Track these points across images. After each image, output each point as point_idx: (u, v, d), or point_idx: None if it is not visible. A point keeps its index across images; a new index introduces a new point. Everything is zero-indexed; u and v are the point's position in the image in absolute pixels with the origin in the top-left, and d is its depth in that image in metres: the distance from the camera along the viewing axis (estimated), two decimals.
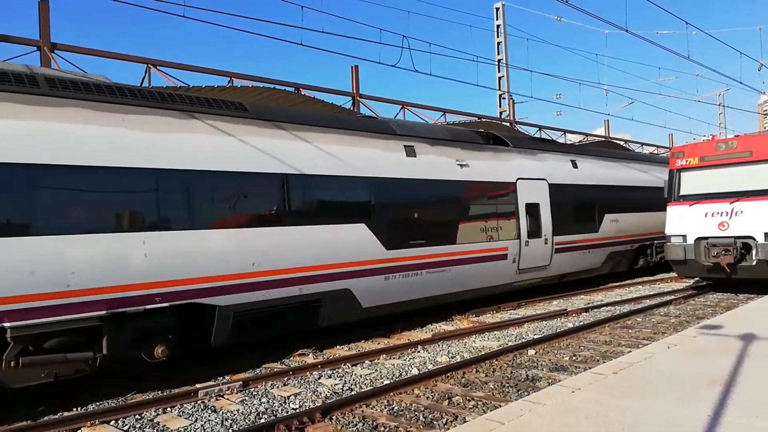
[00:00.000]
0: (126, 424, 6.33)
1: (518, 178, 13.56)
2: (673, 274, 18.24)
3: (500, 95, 25.79)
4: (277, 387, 7.54)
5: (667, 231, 14.48)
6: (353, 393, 7.12)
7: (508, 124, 23.51)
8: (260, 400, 6.98)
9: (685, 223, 14.09)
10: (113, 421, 6.39)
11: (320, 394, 7.21)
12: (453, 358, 8.88)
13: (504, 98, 25.65)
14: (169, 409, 6.76)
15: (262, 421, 6.21)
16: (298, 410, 6.55)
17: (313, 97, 14.89)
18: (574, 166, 15.91)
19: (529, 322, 11.54)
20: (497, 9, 25.97)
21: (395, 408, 6.52)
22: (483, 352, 9.00)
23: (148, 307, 7.41)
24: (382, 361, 8.77)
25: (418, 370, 8.18)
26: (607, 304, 13.48)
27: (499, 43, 25.82)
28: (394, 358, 8.95)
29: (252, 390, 7.42)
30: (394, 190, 10.75)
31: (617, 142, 29.79)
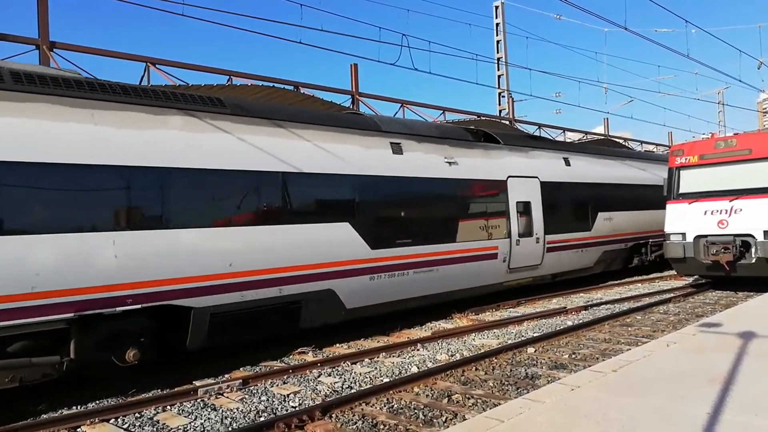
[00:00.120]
0: (126, 422, 6.33)
1: (509, 176, 13.33)
2: (669, 273, 18.28)
3: (500, 93, 25.81)
4: (277, 385, 7.54)
5: (667, 229, 14.49)
6: (353, 391, 7.13)
7: (508, 123, 23.52)
8: (260, 399, 6.98)
9: (684, 221, 14.10)
10: (113, 419, 6.39)
11: (320, 392, 7.21)
12: (452, 356, 8.88)
13: (503, 96, 25.67)
14: (168, 408, 6.76)
15: (262, 420, 6.21)
16: (297, 408, 6.56)
17: (312, 96, 14.90)
18: (567, 164, 15.62)
19: (528, 320, 11.55)
20: (496, 7, 25.98)
21: (395, 406, 6.52)
22: (482, 350, 9.00)
23: (119, 310, 7.16)
24: (381, 359, 8.77)
25: (418, 368, 8.19)
26: (606, 302, 13.49)
27: (498, 42, 25.84)
28: (393, 356, 8.95)
29: (252, 388, 7.43)
30: (380, 188, 10.52)
31: (617, 140, 29.83)
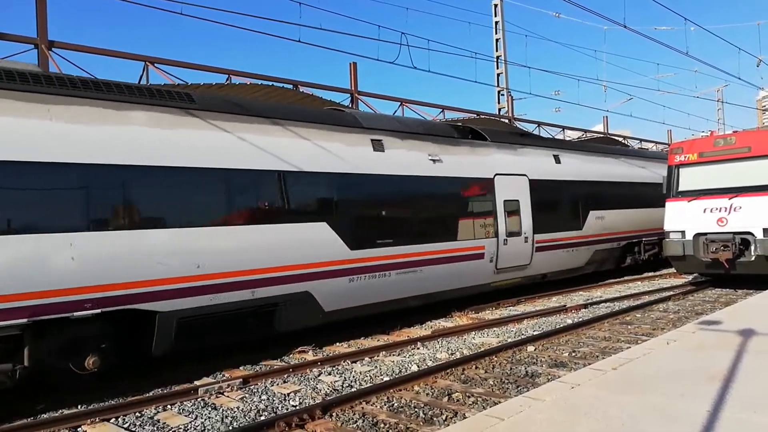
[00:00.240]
0: (126, 422, 6.34)
1: (496, 174, 13.02)
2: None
3: (499, 92, 25.80)
4: (277, 384, 7.55)
5: (666, 227, 14.50)
6: (353, 390, 7.13)
7: (507, 121, 23.51)
8: (260, 397, 6.99)
9: (683, 219, 14.11)
10: (113, 419, 6.40)
11: (320, 391, 7.22)
12: (452, 354, 8.89)
13: (503, 95, 25.67)
14: (169, 407, 6.77)
15: (262, 419, 6.22)
16: (298, 407, 6.56)
17: (311, 94, 14.88)
18: (557, 161, 15.26)
19: (528, 319, 11.56)
20: (496, 5, 25.96)
21: (395, 404, 6.53)
22: (482, 349, 9.01)
23: (77, 315, 6.82)
24: (381, 358, 8.78)
25: (418, 366, 8.20)
26: (606, 301, 13.50)
27: (497, 40, 25.83)
28: (393, 355, 8.96)
29: (252, 387, 7.44)
30: (360, 186, 10.20)
31: (616, 138, 29.83)
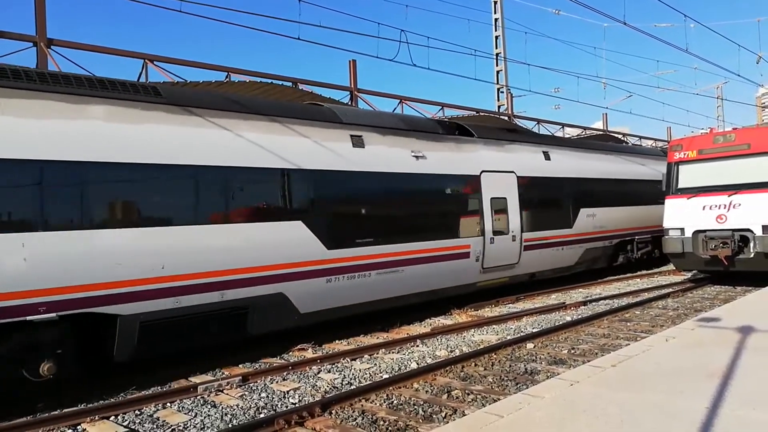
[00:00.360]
0: (126, 420, 6.34)
1: (482, 171, 12.72)
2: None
3: (498, 89, 25.78)
4: (277, 382, 7.56)
5: (665, 224, 14.50)
6: (352, 387, 7.14)
7: (507, 118, 23.50)
8: (260, 395, 7.00)
9: (683, 216, 14.11)
10: (113, 417, 6.40)
11: (319, 388, 7.22)
12: (452, 352, 8.89)
13: (502, 92, 25.65)
14: (168, 405, 6.77)
15: (262, 416, 6.23)
16: (297, 405, 6.57)
17: (311, 92, 14.87)
18: (547, 158, 14.92)
19: (527, 316, 11.57)
20: (495, 2, 25.92)
21: (394, 402, 6.54)
22: (482, 346, 9.02)
23: (30, 319, 6.51)
24: (381, 356, 8.79)
25: (417, 364, 8.20)
26: (605, 298, 13.50)
27: (497, 37, 25.79)
28: (393, 353, 8.97)
29: (251, 385, 7.44)
30: (338, 184, 9.87)
31: (616, 135, 29.82)
